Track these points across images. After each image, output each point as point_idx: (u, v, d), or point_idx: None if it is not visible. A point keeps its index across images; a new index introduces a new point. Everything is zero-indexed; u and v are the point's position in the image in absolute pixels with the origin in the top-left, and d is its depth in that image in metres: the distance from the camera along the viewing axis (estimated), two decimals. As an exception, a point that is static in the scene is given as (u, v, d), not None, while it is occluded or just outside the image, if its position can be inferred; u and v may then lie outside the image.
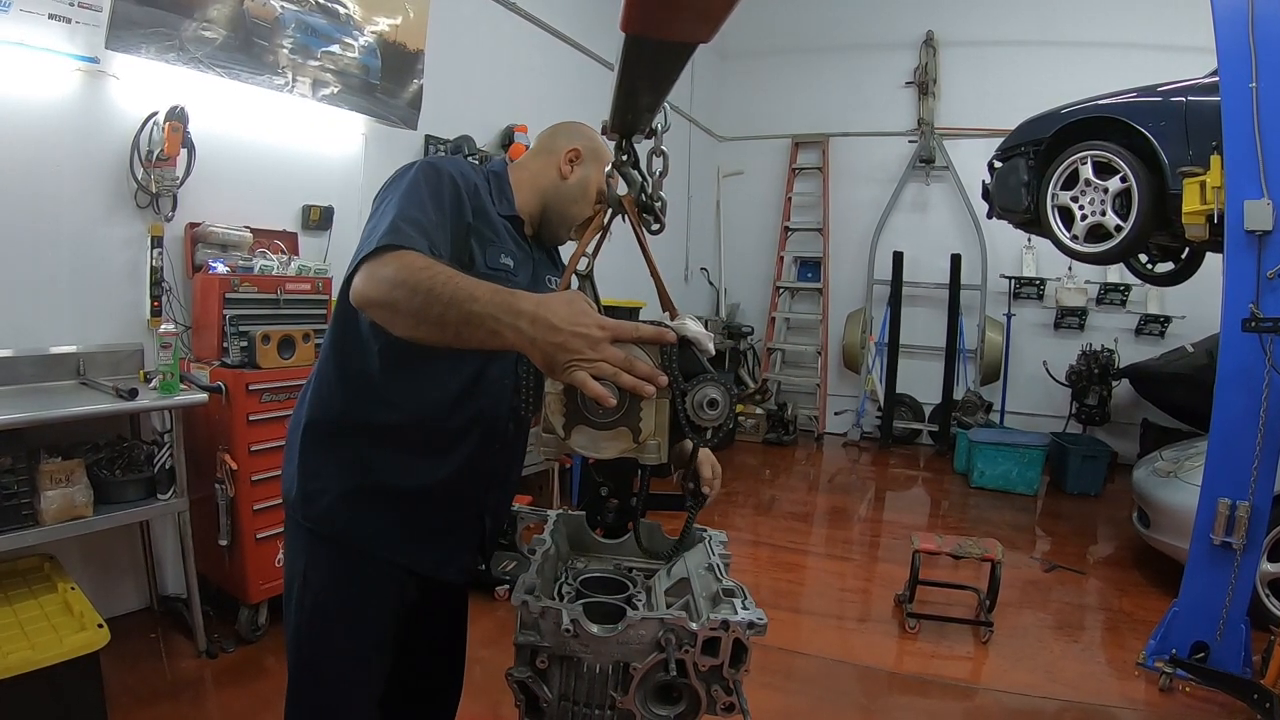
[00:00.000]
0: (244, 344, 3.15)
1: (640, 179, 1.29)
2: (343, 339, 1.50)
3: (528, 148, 5.64)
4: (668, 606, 1.24)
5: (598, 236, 1.35)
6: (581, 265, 1.33)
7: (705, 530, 1.46)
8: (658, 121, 1.25)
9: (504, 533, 1.65)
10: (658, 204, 1.28)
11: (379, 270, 1.19)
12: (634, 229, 1.31)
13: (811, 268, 8.87)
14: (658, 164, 1.26)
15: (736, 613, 1.09)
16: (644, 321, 1.10)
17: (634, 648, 1.07)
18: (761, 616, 1.07)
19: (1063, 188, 4.36)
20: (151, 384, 2.97)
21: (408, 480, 1.49)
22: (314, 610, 1.51)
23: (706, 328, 1.19)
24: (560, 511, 1.52)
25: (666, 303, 1.34)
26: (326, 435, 1.52)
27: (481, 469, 1.56)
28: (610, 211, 1.32)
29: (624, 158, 1.29)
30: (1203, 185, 3.30)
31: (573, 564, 1.43)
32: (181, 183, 3.31)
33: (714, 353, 1.16)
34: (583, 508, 1.31)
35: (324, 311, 3.49)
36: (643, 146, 1.29)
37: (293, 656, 1.55)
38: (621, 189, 1.29)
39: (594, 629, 1.07)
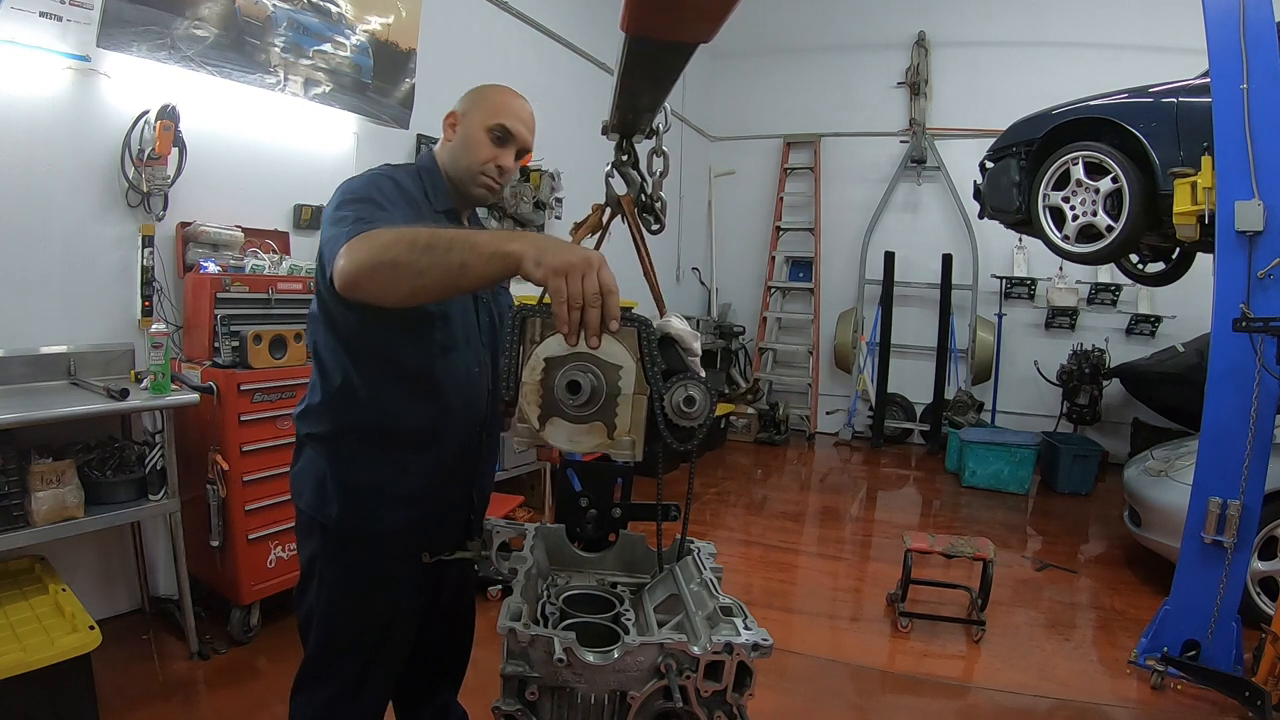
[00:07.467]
0: (235, 344, 3.13)
1: (639, 179, 1.28)
2: (320, 352, 1.59)
3: (521, 147, 5.58)
4: (660, 626, 1.18)
5: (595, 235, 1.35)
6: None
7: (692, 541, 1.41)
8: (658, 122, 1.24)
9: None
10: (657, 204, 1.27)
11: (369, 241, 1.17)
12: (631, 229, 1.30)
13: (803, 267, 8.87)
14: (658, 164, 1.25)
15: (739, 634, 1.03)
16: (633, 315, 1.08)
17: (631, 675, 1.01)
18: (766, 637, 1.02)
19: (1054, 188, 4.36)
20: (142, 384, 2.95)
21: (403, 476, 1.55)
22: (330, 601, 1.59)
23: (697, 327, 1.18)
24: (539, 525, 1.49)
25: (658, 300, 1.34)
26: (323, 442, 1.58)
27: (466, 459, 1.64)
28: (609, 211, 1.31)
29: (624, 158, 1.28)
30: (1194, 186, 3.32)
31: (554, 580, 1.37)
32: (173, 182, 3.29)
33: (699, 352, 1.14)
34: (560, 520, 1.26)
35: (317, 311, 3.46)
36: (642, 147, 1.29)
37: (314, 637, 1.63)
38: (620, 189, 1.28)
39: (589, 657, 0.99)
